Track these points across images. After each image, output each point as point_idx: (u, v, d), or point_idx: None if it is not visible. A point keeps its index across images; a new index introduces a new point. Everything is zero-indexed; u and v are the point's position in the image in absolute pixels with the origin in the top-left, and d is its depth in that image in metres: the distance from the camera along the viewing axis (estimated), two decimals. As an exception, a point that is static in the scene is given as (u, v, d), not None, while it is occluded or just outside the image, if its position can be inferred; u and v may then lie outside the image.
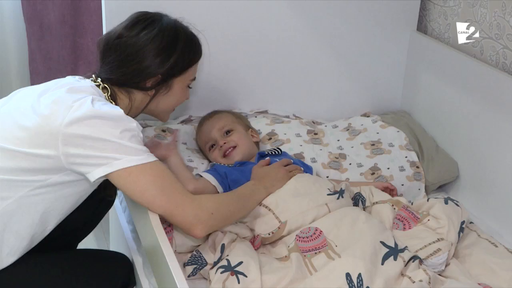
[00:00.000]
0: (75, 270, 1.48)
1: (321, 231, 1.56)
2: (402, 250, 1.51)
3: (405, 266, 1.49)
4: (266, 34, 2.14)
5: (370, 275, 1.43)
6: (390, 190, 1.87)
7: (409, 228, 1.67)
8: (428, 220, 1.67)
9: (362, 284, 1.40)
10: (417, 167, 2.03)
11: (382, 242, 1.51)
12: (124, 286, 1.58)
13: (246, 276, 1.45)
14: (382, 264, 1.47)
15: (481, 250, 1.65)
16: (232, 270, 1.46)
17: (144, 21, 1.59)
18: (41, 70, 2.59)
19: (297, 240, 1.56)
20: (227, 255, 1.52)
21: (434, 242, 1.60)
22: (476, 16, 2.01)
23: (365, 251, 1.47)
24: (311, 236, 1.56)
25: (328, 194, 1.66)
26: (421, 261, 1.53)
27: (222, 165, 1.82)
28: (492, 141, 1.91)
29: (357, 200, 1.78)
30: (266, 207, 1.64)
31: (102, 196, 1.69)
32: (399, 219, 1.70)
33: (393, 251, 1.50)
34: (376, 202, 1.76)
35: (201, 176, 1.76)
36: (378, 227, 1.58)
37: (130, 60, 1.55)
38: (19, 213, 1.39)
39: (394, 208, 1.73)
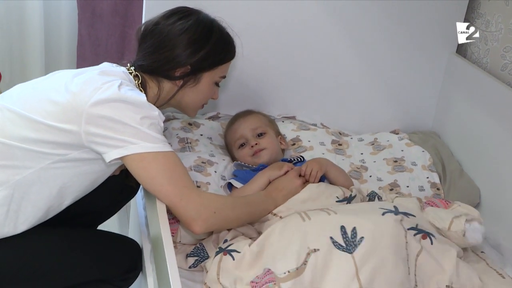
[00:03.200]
0: (81, 247, 1.52)
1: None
2: (405, 214, 1.50)
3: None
4: (303, 41, 2.16)
5: (366, 228, 1.42)
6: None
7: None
8: (459, 205, 1.65)
9: (356, 235, 1.40)
10: (438, 188, 2.01)
11: (381, 207, 1.51)
12: (129, 271, 1.62)
13: (239, 252, 1.48)
14: (383, 215, 1.47)
15: (487, 279, 1.62)
16: (224, 250, 1.50)
17: (182, 12, 1.65)
18: (88, 56, 2.67)
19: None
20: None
21: (465, 214, 1.57)
22: (515, 44, 1.98)
23: (363, 213, 1.48)
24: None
25: (337, 201, 1.67)
26: (426, 236, 1.49)
27: (246, 171, 1.85)
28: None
29: (373, 196, 1.78)
30: (275, 214, 1.65)
31: (125, 184, 1.75)
32: (427, 202, 1.68)
33: (393, 211, 1.49)
34: (397, 196, 1.77)
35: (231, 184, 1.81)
36: (377, 202, 1.60)
37: (162, 47, 1.60)
38: (38, 184, 1.45)
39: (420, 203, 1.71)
